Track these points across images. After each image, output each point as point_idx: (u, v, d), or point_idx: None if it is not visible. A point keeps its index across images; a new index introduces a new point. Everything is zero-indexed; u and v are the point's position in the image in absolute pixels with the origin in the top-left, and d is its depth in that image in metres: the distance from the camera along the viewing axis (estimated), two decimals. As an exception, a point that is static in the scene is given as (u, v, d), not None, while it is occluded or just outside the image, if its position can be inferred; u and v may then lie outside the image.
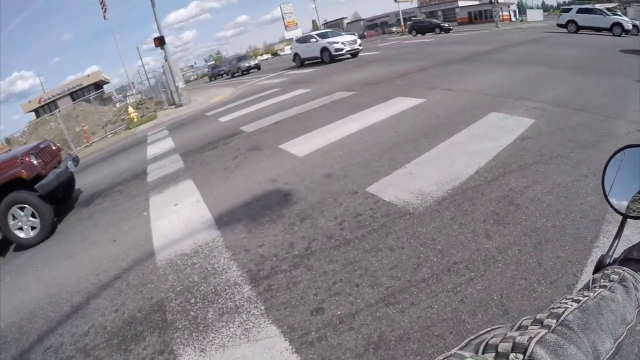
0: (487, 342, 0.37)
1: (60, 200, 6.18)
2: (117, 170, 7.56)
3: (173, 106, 14.86)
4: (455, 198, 3.41)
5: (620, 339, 0.43)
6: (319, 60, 19.52)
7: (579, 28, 20.15)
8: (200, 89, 25.91)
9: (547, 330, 0.38)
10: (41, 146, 5.82)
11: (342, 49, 18.04)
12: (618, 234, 0.67)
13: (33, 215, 5.02)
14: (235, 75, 30.85)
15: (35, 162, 5.23)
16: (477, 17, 53.86)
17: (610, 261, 0.61)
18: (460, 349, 0.38)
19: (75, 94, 31.70)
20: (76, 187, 6.83)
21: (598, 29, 19.40)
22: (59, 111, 14.07)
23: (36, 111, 32.64)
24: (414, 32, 32.90)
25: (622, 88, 6.42)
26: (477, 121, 5.31)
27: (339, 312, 2.26)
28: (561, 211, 2.97)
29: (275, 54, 76.52)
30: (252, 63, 30.43)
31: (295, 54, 21.96)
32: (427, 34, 30.86)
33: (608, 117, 4.91)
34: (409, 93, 7.77)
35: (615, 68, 8.30)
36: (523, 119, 5.18)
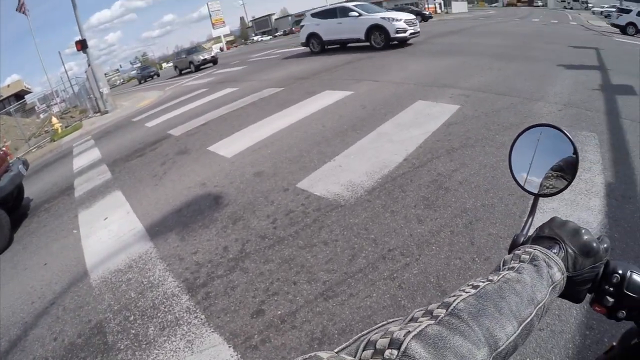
0: (369, 339, 0.35)
1: (11, 208, 5.42)
2: (43, 188, 6.73)
3: (98, 114, 13.58)
4: (386, 187, 3.37)
5: (529, 319, 0.41)
6: (358, 44, 12.96)
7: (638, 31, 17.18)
8: (126, 93, 24.02)
9: (431, 322, 0.35)
10: None
11: (404, 30, 11.59)
12: (531, 213, 0.65)
13: None
14: (185, 72, 24.92)
15: None
16: (403, 9, 54.88)
17: (525, 239, 0.59)
18: (347, 345, 0.36)
19: (-7, 106, 28.10)
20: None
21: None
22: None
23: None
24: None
25: (543, 72, 6.52)
26: (404, 110, 5.29)
27: (279, 312, 2.18)
28: (489, 190, 2.99)
29: (203, 53, 73.21)
30: (208, 56, 23.56)
31: (311, 35, 14.21)
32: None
33: (531, 100, 5.00)
34: (336, 86, 7.71)
35: (538, 55, 8.38)
36: (448, 105, 5.20)
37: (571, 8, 55.61)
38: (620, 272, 0.52)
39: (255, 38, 73.13)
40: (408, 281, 2.20)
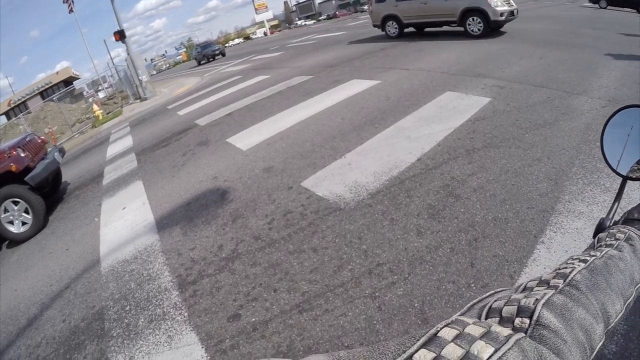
0: (490, 306, 0.34)
1: (49, 193, 6.06)
2: (78, 174, 7.25)
3: (138, 100, 14.34)
4: (391, 190, 3.19)
5: (631, 298, 0.40)
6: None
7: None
8: (169, 79, 25.16)
9: (554, 291, 0.34)
10: (27, 139, 5.79)
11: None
12: (618, 197, 0.63)
13: (26, 212, 4.96)
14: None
15: (22, 154, 5.21)
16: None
17: (610, 224, 0.57)
18: (462, 314, 0.35)
19: (45, 93, 30.32)
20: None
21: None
22: (23, 115, 13.49)
23: (7, 114, 30.96)
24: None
25: (589, 62, 6.01)
26: (429, 102, 5.05)
27: (253, 319, 2.19)
28: (506, 201, 2.71)
29: (247, 38, 74.81)
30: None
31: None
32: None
33: (571, 94, 4.59)
34: (364, 75, 7.55)
35: (584, 42, 7.67)
36: (478, 98, 4.90)
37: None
38: None
39: (299, 23, 73.26)
40: (389, 303, 2.06)
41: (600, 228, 0.57)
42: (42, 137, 6.63)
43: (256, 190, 3.74)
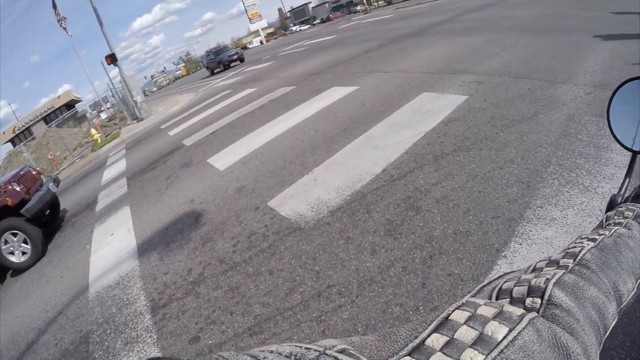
0: (501, 287, 0.34)
1: (47, 222, 6.39)
2: (75, 201, 7.50)
3: (135, 121, 14.65)
4: (352, 206, 3.12)
5: None
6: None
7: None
8: (166, 96, 25.49)
9: (564, 271, 0.34)
10: (21, 173, 6.10)
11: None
12: (629, 172, 0.62)
13: (25, 242, 5.25)
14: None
15: (18, 188, 5.51)
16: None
17: (622, 200, 0.58)
18: (472, 296, 0.35)
19: (48, 118, 30.85)
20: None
21: None
22: (24, 144, 13.85)
23: (12, 141, 31.60)
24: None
25: (576, 46, 5.66)
26: (403, 106, 4.96)
27: (210, 342, 2.33)
28: (469, 211, 2.53)
29: (244, 48, 75.29)
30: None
31: None
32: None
33: (554, 83, 4.33)
34: (345, 81, 7.59)
35: (573, 25, 7.22)
36: (455, 96, 4.75)
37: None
38: None
39: (294, 28, 73.66)
40: (334, 327, 2.03)
41: (611, 205, 0.57)
42: (38, 169, 6.90)
43: (227, 212, 3.86)
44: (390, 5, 37.89)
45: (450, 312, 0.28)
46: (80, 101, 33.53)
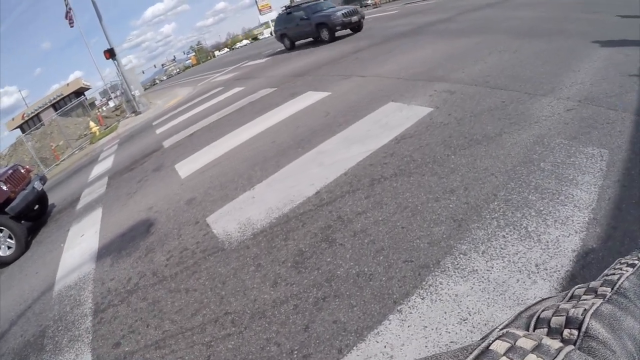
0: (539, 316, 0.34)
1: (35, 217, 6.87)
2: (63, 197, 7.82)
3: (134, 114, 14.99)
4: (274, 230, 3.05)
5: None
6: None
7: None
8: (168, 87, 25.63)
9: (602, 300, 0.34)
10: (9, 172, 6.41)
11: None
12: None
13: (10, 237, 5.64)
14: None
15: (4, 187, 5.87)
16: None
17: None
18: (511, 322, 0.35)
19: (57, 105, 31.31)
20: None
21: None
22: (25, 135, 14.29)
23: (21, 127, 32.14)
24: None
25: (571, 52, 5.23)
26: (365, 117, 4.76)
27: (127, 349, 2.59)
28: (382, 251, 2.32)
29: (255, 39, 74.98)
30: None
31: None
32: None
33: (534, 95, 3.95)
34: (322, 85, 7.48)
35: (574, 29, 6.71)
36: (420, 108, 4.45)
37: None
38: None
39: (302, 22, 72.95)
40: (217, 355, 2.08)
41: None
42: (27, 167, 7.23)
43: (172, 224, 4.01)
44: (401, 0, 37.18)
45: (491, 341, 0.28)
46: (89, 89, 33.97)
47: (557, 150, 2.86)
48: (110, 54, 14.19)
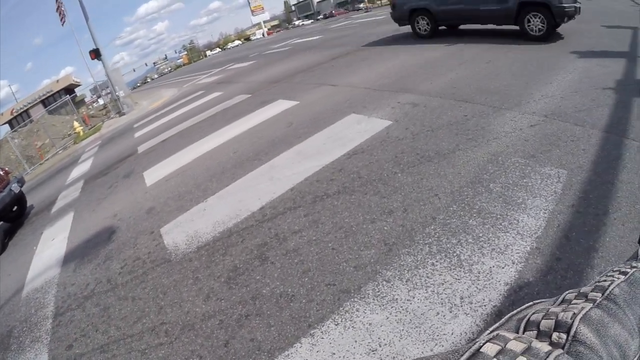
0: (529, 319, 0.35)
1: (14, 218, 7.00)
2: (41, 198, 7.96)
3: (118, 115, 15.15)
4: (216, 244, 3.13)
5: None
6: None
7: None
8: (156, 87, 25.52)
9: (591, 305, 0.35)
10: None
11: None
12: None
13: None
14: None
15: None
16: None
17: None
18: (501, 325, 0.36)
19: (47, 101, 31.07)
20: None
21: None
22: (11, 133, 14.39)
23: (10, 123, 31.87)
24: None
25: (545, 63, 5.02)
26: (323, 129, 4.74)
27: (77, 351, 2.81)
28: (308, 272, 2.33)
29: (247, 39, 75.01)
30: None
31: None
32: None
33: (498, 109, 3.80)
34: (292, 94, 7.55)
35: (554, 37, 6.56)
36: (380, 121, 4.39)
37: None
38: None
39: (297, 23, 73.59)
40: None
41: None
42: (6, 169, 7.42)
43: (131, 233, 4.19)
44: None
45: (481, 344, 0.29)
46: (79, 85, 33.69)
47: (511, 170, 2.73)
48: (96, 54, 14.26)
